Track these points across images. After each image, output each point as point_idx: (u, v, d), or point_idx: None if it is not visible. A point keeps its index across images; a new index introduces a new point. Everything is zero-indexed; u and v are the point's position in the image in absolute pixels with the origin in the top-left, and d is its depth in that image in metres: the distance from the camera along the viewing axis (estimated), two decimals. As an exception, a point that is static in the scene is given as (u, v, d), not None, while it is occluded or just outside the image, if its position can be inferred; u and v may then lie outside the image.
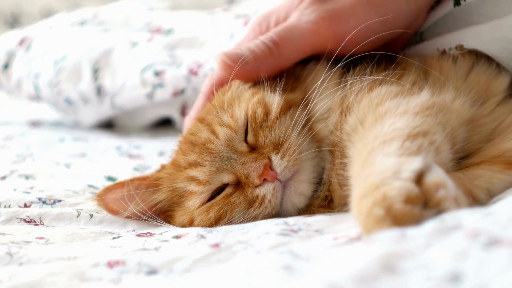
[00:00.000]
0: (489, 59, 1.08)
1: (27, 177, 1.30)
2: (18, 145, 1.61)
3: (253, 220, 0.98)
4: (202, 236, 0.92)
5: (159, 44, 1.68)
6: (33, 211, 1.07)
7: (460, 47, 1.09)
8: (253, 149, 0.99)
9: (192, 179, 1.01)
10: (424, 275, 0.61)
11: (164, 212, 1.06)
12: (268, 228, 0.90)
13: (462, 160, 0.95)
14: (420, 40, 1.16)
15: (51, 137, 1.72)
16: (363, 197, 0.75)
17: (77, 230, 1.01)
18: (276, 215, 0.98)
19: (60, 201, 1.13)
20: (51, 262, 0.86)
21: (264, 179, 0.96)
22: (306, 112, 0.99)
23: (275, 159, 0.97)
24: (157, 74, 1.62)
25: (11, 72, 1.88)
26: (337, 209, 0.99)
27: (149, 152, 1.56)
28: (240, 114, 1.02)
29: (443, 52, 1.10)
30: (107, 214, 1.07)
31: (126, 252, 0.88)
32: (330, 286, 0.61)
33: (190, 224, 1.02)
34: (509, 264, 0.59)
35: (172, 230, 1.00)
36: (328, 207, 1.00)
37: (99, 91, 1.72)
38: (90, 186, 1.24)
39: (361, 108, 0.95)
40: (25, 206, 1.10)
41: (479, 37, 1.08)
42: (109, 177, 1.33)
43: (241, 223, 0.97)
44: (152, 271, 0.81)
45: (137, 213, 1.05)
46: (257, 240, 0.87)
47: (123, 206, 1.05)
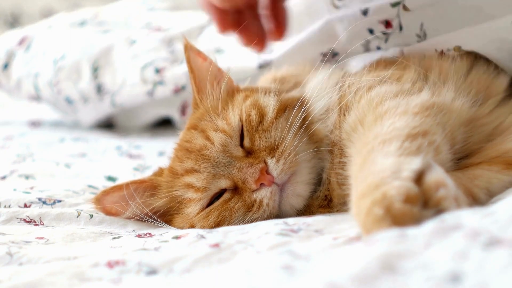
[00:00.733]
0: (488, 60, 1.08)
1: (27, 177, 1.30)
2: (18, 145, 1.60)
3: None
4: (202, 236, 0.92)
5: (156, 39, 1.67)
6: (33, 211, 1.07)
7: (458, 49, 1.09)
8: (249, 153, 0.99)
9: (190, 186, 1.01)
10: (424, 275, 0.61)
11: (164, 216, 1.05)
12: (268, 228, 0.90)
13: (462, 160, 0.96)
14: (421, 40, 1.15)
15: (51, 137, 1.71)
16: (363, 197, 0.75)
17: (77, 230, 1.01)
18: (275, 218, 0.97)
19: (60, 201, 1.13)
20: (51, 262, 0.86)
21: (261, 184, 0.96)
22: (302, 113, 0.99)
23: (271, 163, 0.96)
24: (158, 71, 1.62)
25: (11, 72, 1.88)
26: (337, 209, 0.99)
27: (149, 152, 1.56)
28: (235, 119, 1.01)
29: (442, 53, 1.10)
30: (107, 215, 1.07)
31: (126, 252, 0.88)
32: (330, 286, 0.62)
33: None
34: (509, 264, 0.59)
35: (172, 231, 1.00)
36: (328, 207, 1.00)
37: (99, 90, 1.72)
38: (90, 186, 1.24)
39: (361, 108, 0.95)
40: (25, 206, 1.10)
41: (476, 38, 1.08)
42: (109, 177, 1.33)
43: (241, 226, 0.97)
44: (152, 271, 0.81)
45: (138, 214, 1.05)
46: (257, 240, 0.87)
47: (121, 209, 1.05)
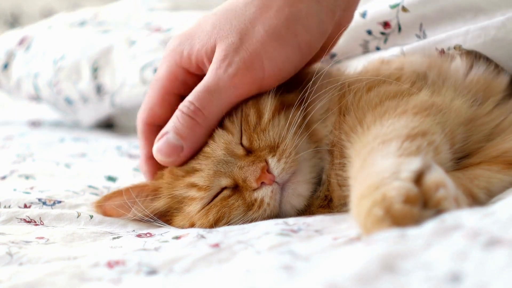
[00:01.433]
0: (488, 60, 1.08)
1: (27, 177, 1.30)
2: (18, 145, 1.60)
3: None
4: (202, 236, 0.92)
5: (156, 40, 1.68)
6: (33, 212, 1.07)
7: (459, 47, 1.09)
8: (250, 152, 0.99)
9: (192, 186, 1.01)
10: (424, 275, 0.61)
11: (165, 216, 1.05)
12: (268, 228, 0.90)
13: (461, 160, 0.96)
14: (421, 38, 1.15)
15: (51, 137, 1.71)
16: (363, 198, 0.75)
17: (77, 230, 1.01)
18: (276, 217, 0.97)
19: (60, 202, 1.13)
20: (51, 262, 0.86)
21: (262, 182, 0.96)
22: (301, 112, 0.99)
23: (272, 162, 0.96)
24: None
25: (11, 72, 1.87)
26: (337, 209, 0.99)
27: (149, 152, 1.56)
28: (236, 117, 1.01)
29: (442, 52, 1.10)
30: (107, 216, 1.07)
31: (126, 252, 0.88)
32: (330, 286, 0.62)
33: (191, 227, 1.02)
34: (509, 264, 0.59)
35: (172, 231, 1.00)
36: (328, 207, 1.00)
37: (99, 90, 1.72)
38: (90, 187, 1.23)
39: (360, 108, 0.95)
40: (25, 207, 1.10)
41: (476, 37, 1.08)
42: (109, 177, 1.33)
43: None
44: (152, 271, 0.81)
45: (139, 215, 1.05)
46: (257, 240, 0.87)
47: (122, 214, 1.05)
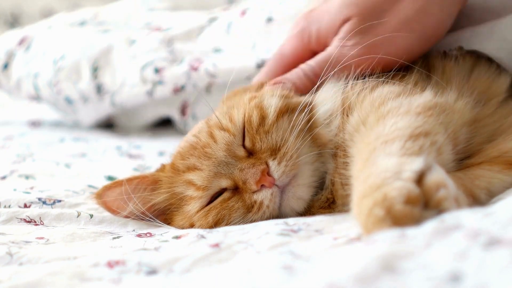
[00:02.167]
0: (490, 60, 1.08)
1: (27, 177, 1.30)
2: (18, 145, 1.60)
3: (252, 223, 0.97)
4: (202, 236, 0.92)
5: (156, 39, 1.68)
6: (33, 211, 1.07)
7: (460, 48, 1.09)
8: (251, 154, 0.99)
9: (191, 184, 1.01)
10: (424, 275, 0.61)
11: (164, 213, 1.05)
12: (268, 228, 0.90)
13: (464, 161, 0.95)
14: None
15: (51, 137, 1.71)
16: (364, 197, 0.75)
17: (77, 230, 1.01)
18: (276, 218, 0.97)
19: (60, 201, 1.13)
20: (51, 262, 0.86)
21: (262, 185, 0.95)
22: (305, 115, 0.99)
23: (273, 165, 0.96)
24: (157, 71, 1.62)
25: (11, 72, 1.87)
26: (338, 210, 0.99)
27: (149, 152, 1.56)
28: (238, 118, 1.01)
29: (445, 53, 1.10)
30: (107, 215, 1.07)
31: (126, 252, 0.88)
32: (330, 286, 0.61)
33: (190, 228, 1.01)
34: (509, 264, 0.59)
35: (172, 231, 1.00)
36: (329, 208, 0.99)
37: (99, 90, 1.72)
38: (90, 186, 1.23)
39: (363, 108, 0.95)
40: (25, 206, 1.10)
41: (478, 38, 1.08)
42: (109, 177, 1.33)
43: (241, 226, 0.97)
44: (152, 271, 0.81)
45: (137, 213, 1.04)
46: (257, 240, 0.87)
47: (122, 205, 1.04)
